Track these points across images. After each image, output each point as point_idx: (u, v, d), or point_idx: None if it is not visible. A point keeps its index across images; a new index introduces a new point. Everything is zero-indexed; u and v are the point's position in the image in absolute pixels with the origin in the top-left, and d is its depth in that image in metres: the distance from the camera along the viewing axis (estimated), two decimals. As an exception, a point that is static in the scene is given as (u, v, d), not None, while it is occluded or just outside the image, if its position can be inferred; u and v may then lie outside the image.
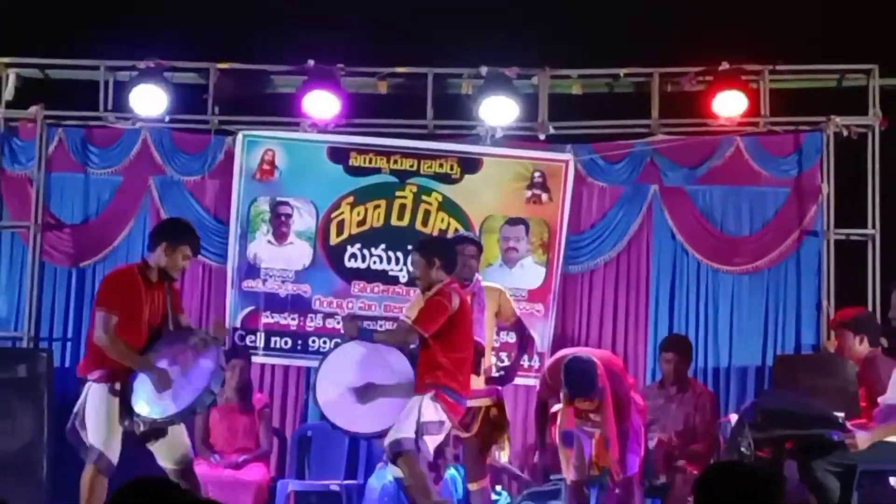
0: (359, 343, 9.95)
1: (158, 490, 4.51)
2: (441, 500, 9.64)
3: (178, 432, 9.25)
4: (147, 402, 9.05)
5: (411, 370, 9.63)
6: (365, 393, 9.59)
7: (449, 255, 9.83)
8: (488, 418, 9.93)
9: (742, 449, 9.08)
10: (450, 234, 11.57)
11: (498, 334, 10.87)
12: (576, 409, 9.94)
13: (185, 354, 9.31)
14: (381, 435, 9.61)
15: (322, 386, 9.83)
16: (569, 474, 9.94)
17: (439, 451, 10.05)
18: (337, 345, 10.34)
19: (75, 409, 9.16)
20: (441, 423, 9.42)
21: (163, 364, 9.15)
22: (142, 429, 9.11)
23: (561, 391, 9.95)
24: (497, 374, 10.46)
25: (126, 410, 9.07)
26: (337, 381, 9.79)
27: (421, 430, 9.31)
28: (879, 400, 9.06)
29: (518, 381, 11.25)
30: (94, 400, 8.99)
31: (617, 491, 10.32)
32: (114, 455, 8.96)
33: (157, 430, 9.07)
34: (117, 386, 8.99)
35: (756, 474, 5.12)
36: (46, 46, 12.59)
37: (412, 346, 9.70)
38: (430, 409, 9.32)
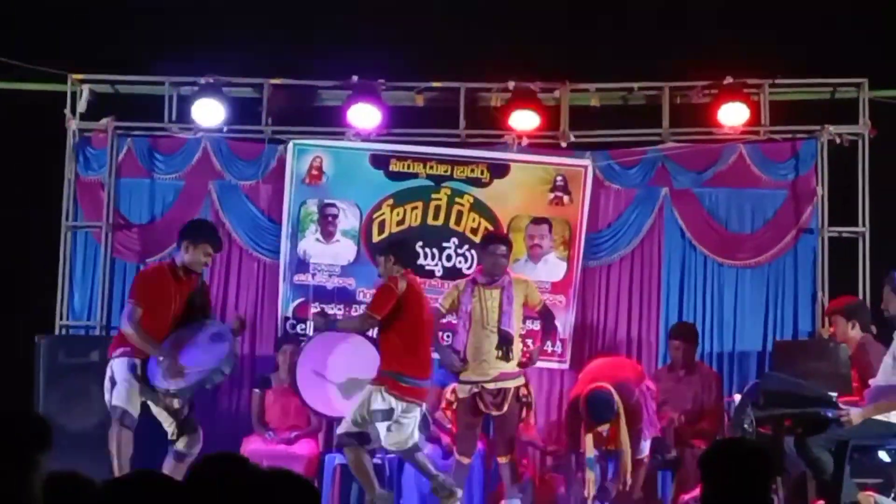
0: (331, 335, 10.50)
1: (231, 463, 4.76)
2: (383, 493, 9.85)
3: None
4: (163, 378, 9.48)
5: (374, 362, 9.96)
6: (347, 387, 10.17)
7: (400, 252, 10.18)
8: (517, 398, 10.34)
9: (745, 426, 9.43)
10: (480, 233, 11.80)
11: (524, 322, 10.91)
12: (595, 433, 10.23)
13: (200, 339, 9.80)
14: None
15: (302, 373, 10.44)
16: (589, 490, 10.27)
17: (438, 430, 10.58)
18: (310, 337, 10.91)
19: (105, 384, 9.70)
20: (390, 410, 9.61)
21: (181, 342, 9.68)
22: (160, 400, 9.63)
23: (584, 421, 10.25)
24: (524, 360, 10.54)
25: (146, 386, 9.58)
26: (318, 371, 10.40)
27: (368, 419, 9.59)
28: (870, 381, 9.38)
29: (541, 364, 11.44)
30: (118, 371, 9.57)
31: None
32: (135, 412, 9.50)
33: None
34: (137, 360, 9.50)
35: (757, 450, 5.41)
36: (116, 63, 12.74)
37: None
38: (378, 399, 9.57)
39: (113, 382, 9.61)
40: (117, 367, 9.62)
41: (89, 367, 10.97)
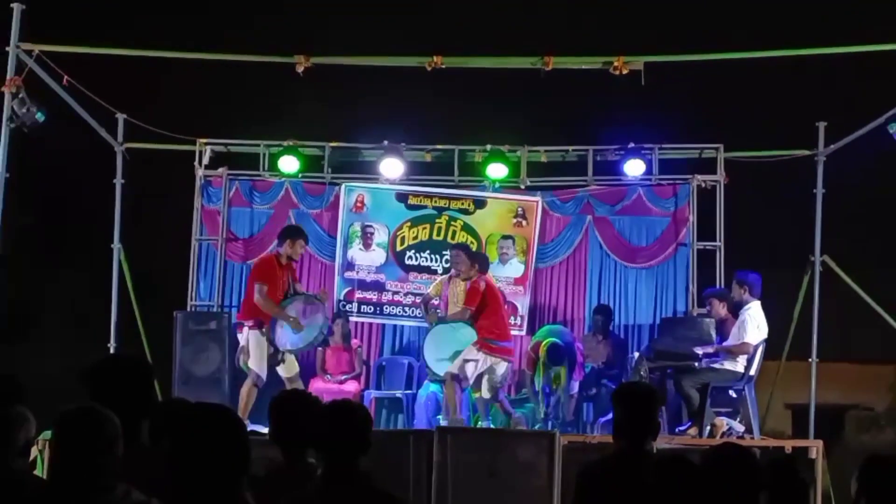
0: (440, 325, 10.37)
1: (301, 397, 4.85)
2: (458, 418, 9.79)
3: (292, 359, 9.90)
4: (285, 338, 9.68)
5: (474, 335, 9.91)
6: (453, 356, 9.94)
7: (483, 263, 10.39)
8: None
9: (641, 373, 9.66)
10: (468, 245, 11.56)
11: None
12: (546, 374, 10.37)
13: (306, 308, 9.82)
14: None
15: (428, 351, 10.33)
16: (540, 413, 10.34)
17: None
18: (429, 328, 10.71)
19: (239, 347, 9.78)
20: (476, 360, 9.74)
21: (293, 314, 9.72)
22: (279, 357, 9.72)
23: (542, 362, 10.35)
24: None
25: (270, 345, 9.67)
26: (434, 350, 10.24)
27: (464, 369, 9.74)
28: (725, 344, 9.70)
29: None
30: (252, 341, 9.52)
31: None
32: (263, 374, 9.57)
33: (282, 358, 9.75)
34: (264, 330, 9.51)
35: (649, 389, 5.69)
36: (227, 130, 12.84)
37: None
38: (472, 351, 9.71)
39: (247, 351, 9.69)
40: (252, 338, 9.67)
41: (209, 332, 10.91)
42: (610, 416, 6.90)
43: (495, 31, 16.45)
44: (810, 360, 11.79)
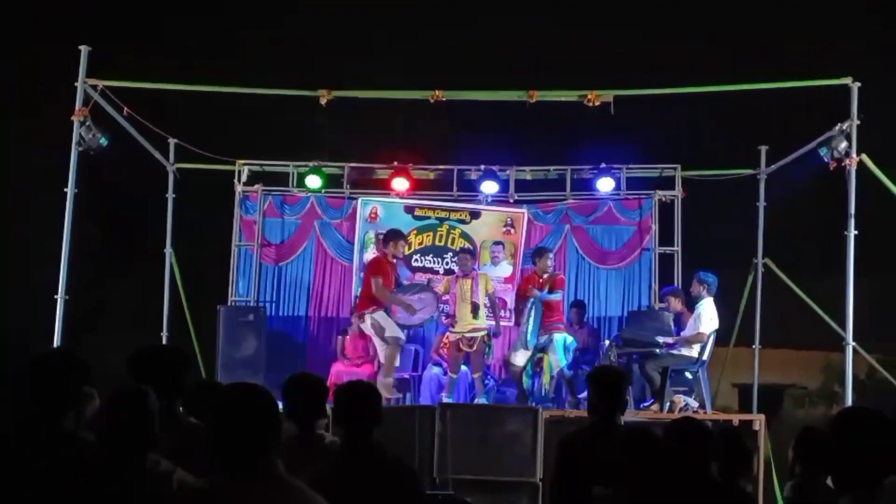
0: None
1: (308, 380, 4.59)
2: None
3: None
4: (401, 318, 9.79)
5: None
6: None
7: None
8: (483, 341, 10.12)
9: (611, 358, 9.52)
10: (471, 249, 11.54)
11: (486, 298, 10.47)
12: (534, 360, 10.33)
13: (421, 295, 10.04)
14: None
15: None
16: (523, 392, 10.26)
17: None
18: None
19: (382, 325, 9.68)
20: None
21: (406, 300, 9.82)
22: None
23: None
24: (488, 319, 10.41)
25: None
26: None
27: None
28: (683, 334, 9.63)
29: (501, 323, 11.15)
30: (380, 318, 9.58)
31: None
32: (402, 335, 9.75)
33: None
34: (383, 311, 9.65)
35: (618, 371, 5.60)
36: (262, 152, 12.79)
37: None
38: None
39: (379, 327, 9.61)
40: (379, 317, 9.62)
41: (247, 323, 10.88)
42: (585, 394, 6.84)
43: (488, 70, 16.54)
44: (754, 346, 11.83)
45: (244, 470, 2.89)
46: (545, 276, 10.23)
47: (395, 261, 10.01)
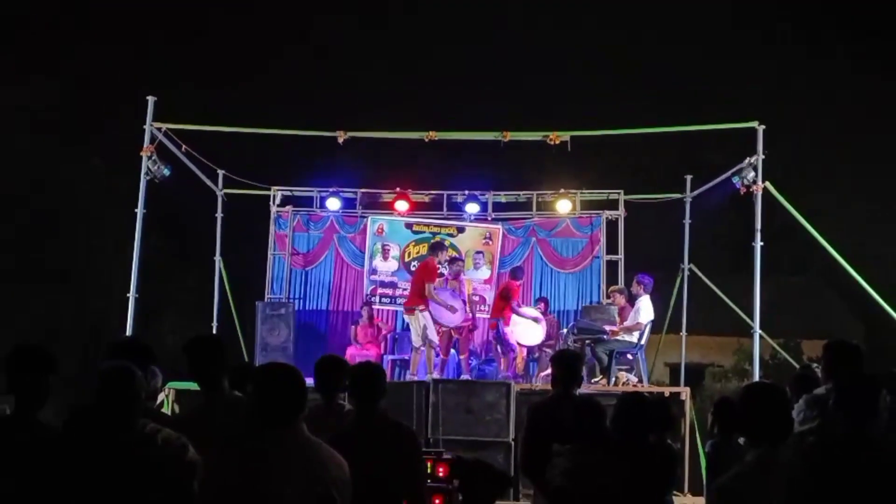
0: None
1: (334, 360, 4.48)
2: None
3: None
4: (441, 318, 9.47)
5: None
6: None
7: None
8: (469, 329, 10.29)
9: (569, 343, 9.44)
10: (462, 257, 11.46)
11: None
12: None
13: (453, 294, 9.85)
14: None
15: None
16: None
17: None
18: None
19: (424, 324, 9.28)
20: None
21: (452, 303, 9.57)
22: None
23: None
24: (470, 313, 10.50)
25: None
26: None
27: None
28: (625, 324, 9.57)
29: (480, 315, 11.39)
30: (426, 318, 9.22)
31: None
32: (436, 341, 9.39)
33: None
34: (429, 309, 9.27)
35: (575, 353, 5.78)
36: (292, 179, 12.78)
37: None
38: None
39: (425, 325, 9.24)
40: (426, 317, 9.26)
41: (280, 315, 10.80)
42: (548, 371, 6.84)
43: (471, 115, 16.46)
44: (681, 333, 11.80)
45: (278, 427, 2.93)
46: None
47: (438, 266, 9.72)
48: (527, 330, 10.36)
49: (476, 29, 21.34)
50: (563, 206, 11.89)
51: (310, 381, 3.54)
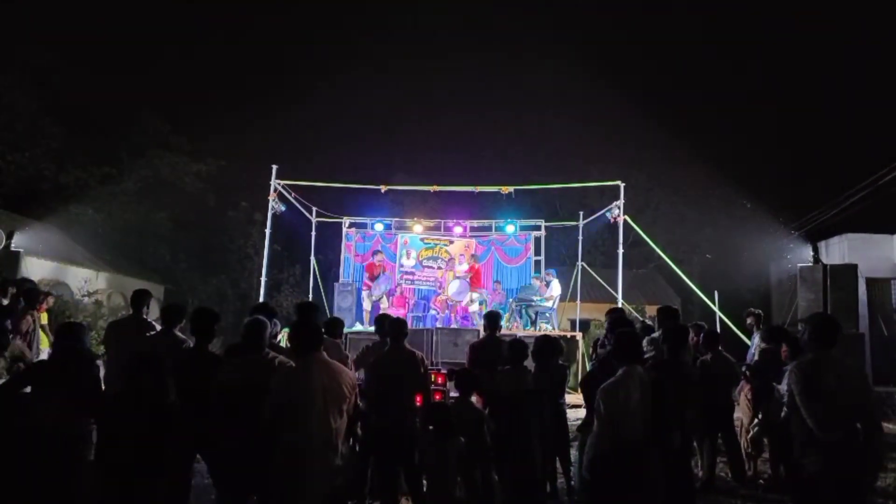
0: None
1: (388, 317, 4.24)
2: None
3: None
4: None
5: None
6: None
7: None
8: (454, 299, 9.91)
9: (512, 307, 9.20)
10: (454, 258, 10.96)
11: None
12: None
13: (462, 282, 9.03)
14: None
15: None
16: None
17: None
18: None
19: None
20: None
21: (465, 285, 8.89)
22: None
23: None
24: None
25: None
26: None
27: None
28: (545, 294, 9.03)
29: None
30: (455, 289, 8.70)
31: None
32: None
33: None
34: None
35: (495, 312, 4.90)
36: (355, 213, 12.12)
37: None
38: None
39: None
40: (455, 287, 8.64)
41: (347, 291, 9.98)
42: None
43: (460, 174, 16.21)
44: (577, 301, 11.56)
45: (307, 352, 2.99)
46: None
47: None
48: (451, 286, 10.01)
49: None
50: (510, 228, 11.49)
51: (371, 328, 3.60)
